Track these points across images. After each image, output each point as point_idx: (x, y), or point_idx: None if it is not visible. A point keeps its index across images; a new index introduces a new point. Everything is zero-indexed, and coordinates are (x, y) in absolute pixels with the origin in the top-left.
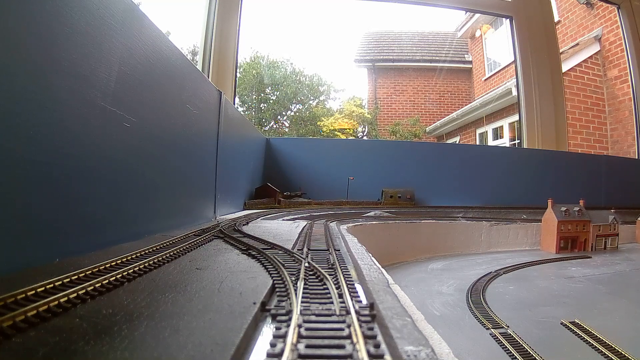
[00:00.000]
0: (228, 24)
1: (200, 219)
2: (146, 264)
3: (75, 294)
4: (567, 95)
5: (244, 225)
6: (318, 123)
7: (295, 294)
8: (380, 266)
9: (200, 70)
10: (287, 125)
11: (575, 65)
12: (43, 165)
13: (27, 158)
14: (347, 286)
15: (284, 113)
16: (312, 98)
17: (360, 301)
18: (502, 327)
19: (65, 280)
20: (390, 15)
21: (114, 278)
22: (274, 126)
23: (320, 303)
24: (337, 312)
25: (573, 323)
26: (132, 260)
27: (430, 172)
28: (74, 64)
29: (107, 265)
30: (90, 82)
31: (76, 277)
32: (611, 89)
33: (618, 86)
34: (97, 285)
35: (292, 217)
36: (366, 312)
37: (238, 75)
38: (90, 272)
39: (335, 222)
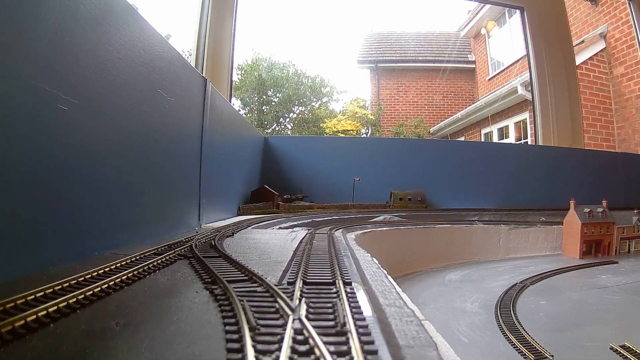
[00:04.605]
0: (222, 21)
1: (179, 228)
2: (33, 319)
3: None
4: None
5: (227, 237)
6: (321, 125)
7: None
8: (417, 310)
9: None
10: (290, 127)
11: (581, 63)
12: None
13: None
14: None
15: (286, 115)
16: (314, 100)
17: None
18: (547, 358)
19: None
20: (392, 16)
21: None
22: (277, 128)
23: None
24: None
25: (624, 347)
26: (21, 307)
27: (442, 171)
28: None
29: None
30: (10, 47)
31: None
32: (617, 86)
33: (624, 84)
34: None
35: (291, 224)
36: None
37: (239, 77)
38: None
39: (340, 229)
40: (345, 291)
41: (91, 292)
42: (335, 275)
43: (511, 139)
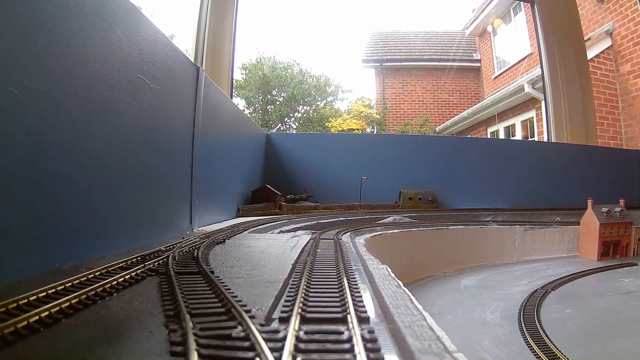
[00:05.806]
0: (223, 17)
1: (167, 232)
2: None
3: None
4: None
5: (218, 244)
6: (326, 124)
7: None
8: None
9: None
10: (295, 127)
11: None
12: None
13: None
14: None
15: (291, 114)
16: (319, 99)
17: None
18: None
19: None
20: (397, 15)
21: None
22: (281, 128)
23: None
24: None
25: None
26: None
27: (453, 169)
28: None
29: None
30: None
31: None
32: (624, 84)
33: (631, 81)
34: None
35: (293, 226)
36: None
37: (243, 76)
38: None
39: (348, 233)
40: (362, 337)
41: (13, 328)
42: (346, 304)
43: (518, 137)
